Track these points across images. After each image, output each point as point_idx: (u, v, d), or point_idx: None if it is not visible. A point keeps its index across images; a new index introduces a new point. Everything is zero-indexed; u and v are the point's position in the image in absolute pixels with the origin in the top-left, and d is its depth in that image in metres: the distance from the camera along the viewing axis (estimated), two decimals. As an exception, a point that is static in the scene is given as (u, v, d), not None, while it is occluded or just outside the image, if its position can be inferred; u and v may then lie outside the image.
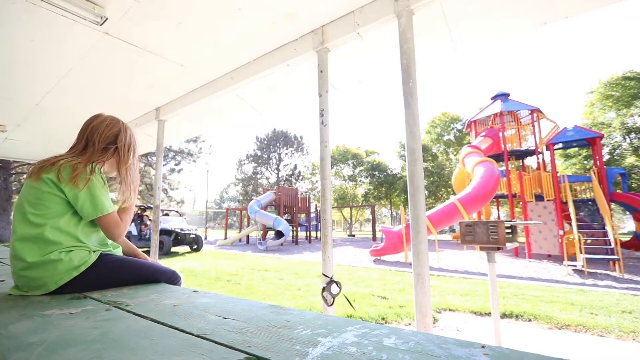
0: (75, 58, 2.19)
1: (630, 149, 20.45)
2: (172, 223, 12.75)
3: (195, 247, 12.80)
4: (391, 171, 32.05)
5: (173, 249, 12.94)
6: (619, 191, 11.68)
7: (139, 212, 13.25)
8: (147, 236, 12.10)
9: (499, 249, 2.32)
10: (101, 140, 1.33)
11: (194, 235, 12.68)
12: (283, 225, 14.71)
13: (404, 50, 1.48)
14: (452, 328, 3.49)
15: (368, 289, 5.42)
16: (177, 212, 15.40)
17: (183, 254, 12.01)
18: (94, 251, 1.26)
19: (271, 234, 17.08)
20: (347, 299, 2.03)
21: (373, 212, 22.32)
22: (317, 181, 37.33)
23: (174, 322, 0.82)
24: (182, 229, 12.30)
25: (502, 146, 12.06)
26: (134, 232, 12.51)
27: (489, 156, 11.54)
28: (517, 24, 1.78)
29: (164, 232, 11.95)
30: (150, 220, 12.67)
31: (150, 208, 13.60)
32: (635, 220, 10.88)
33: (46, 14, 1.72)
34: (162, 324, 0.82)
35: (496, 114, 12.80)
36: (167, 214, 13.83)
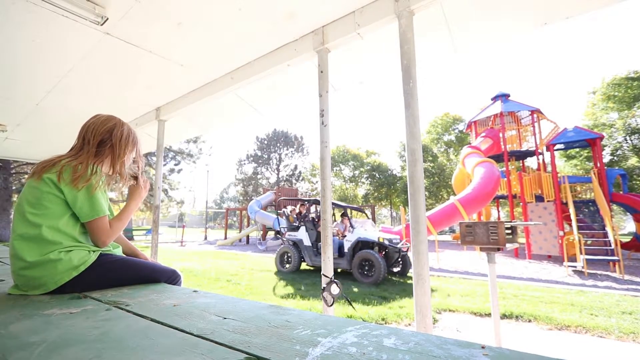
0: (76, 58, 2.20)
1: (633, 149, 20.43)
2: (375, 231, 7.66)
3: (400, 268, 7.08)
4: (391, 172, 32.03)
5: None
6: (620, 192, 11.68)
7: (301, 208, 8.57)
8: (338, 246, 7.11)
9: (499, 249, 2.32)
10: (95, 136, 1.33)
11: (404, 252, 6.89)
12: (283, 225, 14.60)
13: (405, 50, 1.48)
14: (452, 329, 3.49)
15: (368, 289, 5.42)
16: (364, 212, 9.69)
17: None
18: (94, 251, 1.26)
19: (271, 234, 17.07)
20: (347, 299, 2.03)
21: (373, 213, 22.31)
22: (317, 182, 37.31)
23: (174, 322, 0.82)
24: (390, 241, 6.87)
25: (503, 147, 12.07)
26: (306, 241, 7.33)
27: (489, 157, 11.54)
28: (517, 25, 1.78)
29: (365, 244, 6.79)
30: (319, 219, 7.60)
31: (317, 202, 8.20)
32: (636, 221, 10.87)
33: (47, 14, 1.72)
34: (162, 324, 0.82)
35: (496, 115, 12.81)
36: (364, 211, 8.63)
